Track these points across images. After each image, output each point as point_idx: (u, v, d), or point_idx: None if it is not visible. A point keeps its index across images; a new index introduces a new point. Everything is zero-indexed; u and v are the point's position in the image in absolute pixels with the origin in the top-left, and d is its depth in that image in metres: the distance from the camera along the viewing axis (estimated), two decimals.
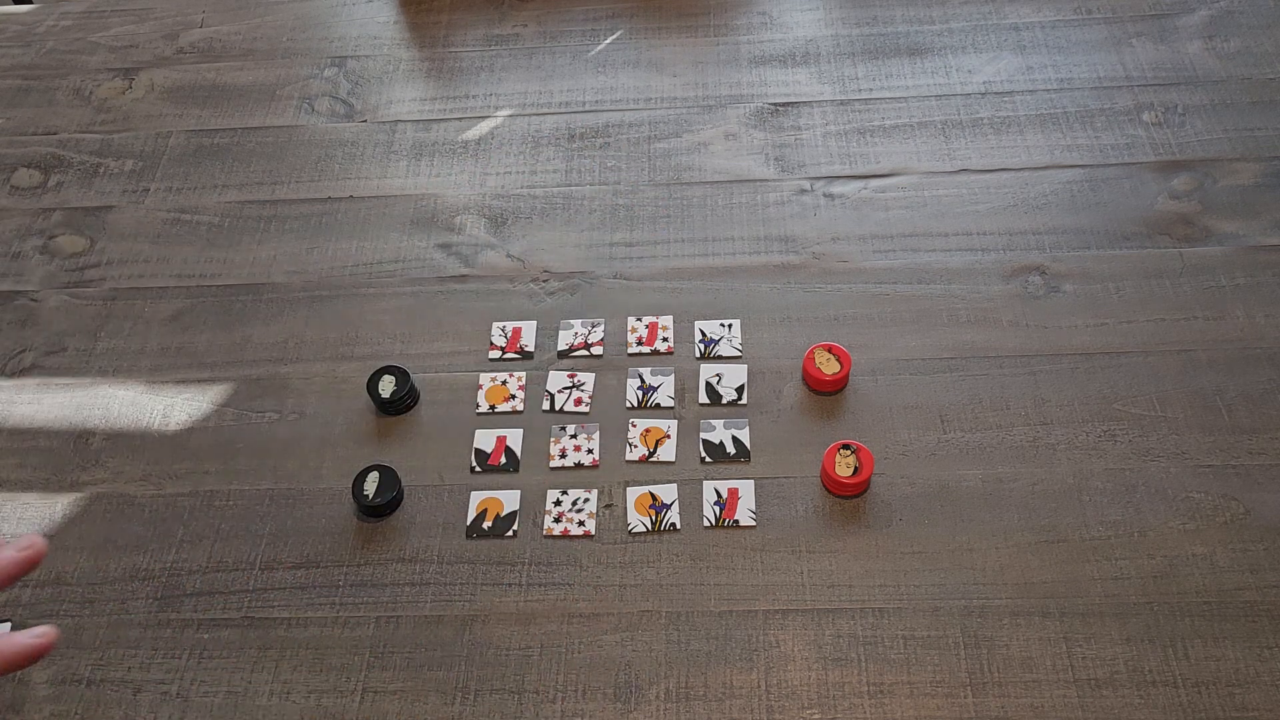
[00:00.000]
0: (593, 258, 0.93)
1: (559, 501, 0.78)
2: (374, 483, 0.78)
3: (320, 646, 0.73)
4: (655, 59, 1.08)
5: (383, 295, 0.92)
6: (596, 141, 1.01)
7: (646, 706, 0.69)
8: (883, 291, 0.88)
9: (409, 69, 1.11)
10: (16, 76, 1.15)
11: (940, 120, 0.99)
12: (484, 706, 0.69)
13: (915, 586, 0.72)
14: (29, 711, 0.71)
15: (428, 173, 1.01)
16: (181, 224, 0.99)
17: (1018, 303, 0.86)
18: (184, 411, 0.86)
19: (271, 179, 1.02)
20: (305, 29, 1.16)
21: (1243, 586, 0.71)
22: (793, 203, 0.95)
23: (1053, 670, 0.68)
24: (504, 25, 1.14)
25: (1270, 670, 0.67)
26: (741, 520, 0.76)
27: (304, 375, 0.87)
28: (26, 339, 0.92)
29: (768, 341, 0.86)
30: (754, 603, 0.72)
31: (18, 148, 1.08)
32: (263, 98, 1.09)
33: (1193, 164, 0.94)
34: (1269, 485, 0.75)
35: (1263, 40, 1.03)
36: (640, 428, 0.81)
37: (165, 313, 0.92)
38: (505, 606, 0.74)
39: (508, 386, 0.85)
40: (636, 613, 0.73)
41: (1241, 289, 0.85)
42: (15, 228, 1.01)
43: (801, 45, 1.08)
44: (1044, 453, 0.78)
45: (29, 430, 0.86)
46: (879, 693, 0.68)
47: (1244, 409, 0.79)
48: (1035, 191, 0.93)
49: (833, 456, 0.76)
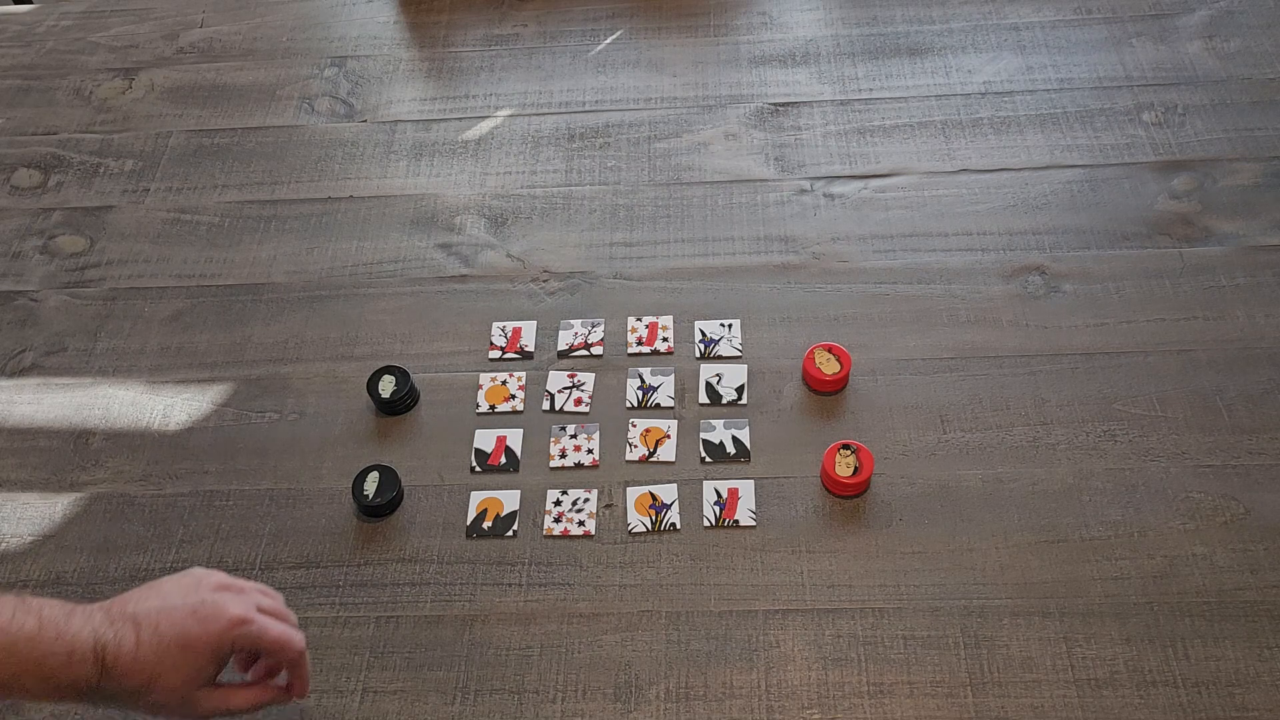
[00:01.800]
0: (593, 258, 0.93)
1: (559, 501, 0.78)
2: (374, 482, 0.78)
3: (320, 646, 0.73)
4: (655, 59, 1.08)
5: (383, 295, 0.92)
6: (596, 141, 1.01)
7: (646, 706, 0.68)
8: (883, 291, 0.88)
9: (409, 69, 1.11)
10: (16, 76, 1.15)
11: (940, 120, 0.99)
12: (484, 706, 0.69)
13: (915, 586, 0.72)
14: (29, 711, 0.71)
15: (428, 173, 1.01)
16: (181, 224, 0.99)
17: (1018, 303, 0.86)
18: (184, 411, 0.86)
19: (271, 179, 1.02)
20: (305, 29, 1.16)
21: (1243, 586, 0.71)
22: (793, 203, 0.95)
23: (1053, 670, 0.68)
24: (504, 25, 1.14)
25: (1270, 670, 0.67)
26: (741, 520, 0.76)
27: (304, 375, 0.87)
28: (26, 339, 0.92)
29: (768, 341, 0.86)
30: (754, 603, 0.72)
31: (18, 148, 1.08)
32: (263, 98, 1.09)
33: (1193, 164, 0.94)
34: (1269, 485, 0.75)
35: (1263, 40, 1.03)
36: (640, 428, 0.81)
37: (165, 313, 0.92)
38: (505, 606, 0.74)
39: (508, 386, 0.85)
40: (636, 613, 0.73)
41: (1241, 289, 0.85)
42: (15, 228, 1.01)
43: (801, 45, 1.08)
44: (1044, 453, 0.78)
45: (29, 430, 0.86)
46: (879, 693, 0.68)
47: (1244, 409, 0.79)
48: (1035, 191, 0.93)
49: (833, 456, 0.76)
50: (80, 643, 0.55)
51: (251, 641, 0.60)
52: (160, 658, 0.57)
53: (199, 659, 0.58)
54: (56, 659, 0.55)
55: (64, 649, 0.55)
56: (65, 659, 0.55)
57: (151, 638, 0.57)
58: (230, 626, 0.59)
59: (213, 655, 0.59)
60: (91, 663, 0.55)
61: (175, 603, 0.59)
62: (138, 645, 0.57)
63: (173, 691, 0.58)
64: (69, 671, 0.55)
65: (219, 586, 0.62)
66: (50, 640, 0.55)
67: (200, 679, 0.59)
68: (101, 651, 0.56)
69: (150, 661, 0.57)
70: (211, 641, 0.59)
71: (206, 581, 0.62)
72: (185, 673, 0.58)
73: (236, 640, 0.59)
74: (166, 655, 0.57)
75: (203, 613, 0.59)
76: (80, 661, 0.55)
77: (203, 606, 0.59)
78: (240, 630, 0.59)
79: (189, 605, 0.59)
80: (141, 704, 0.58)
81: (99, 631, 0.56)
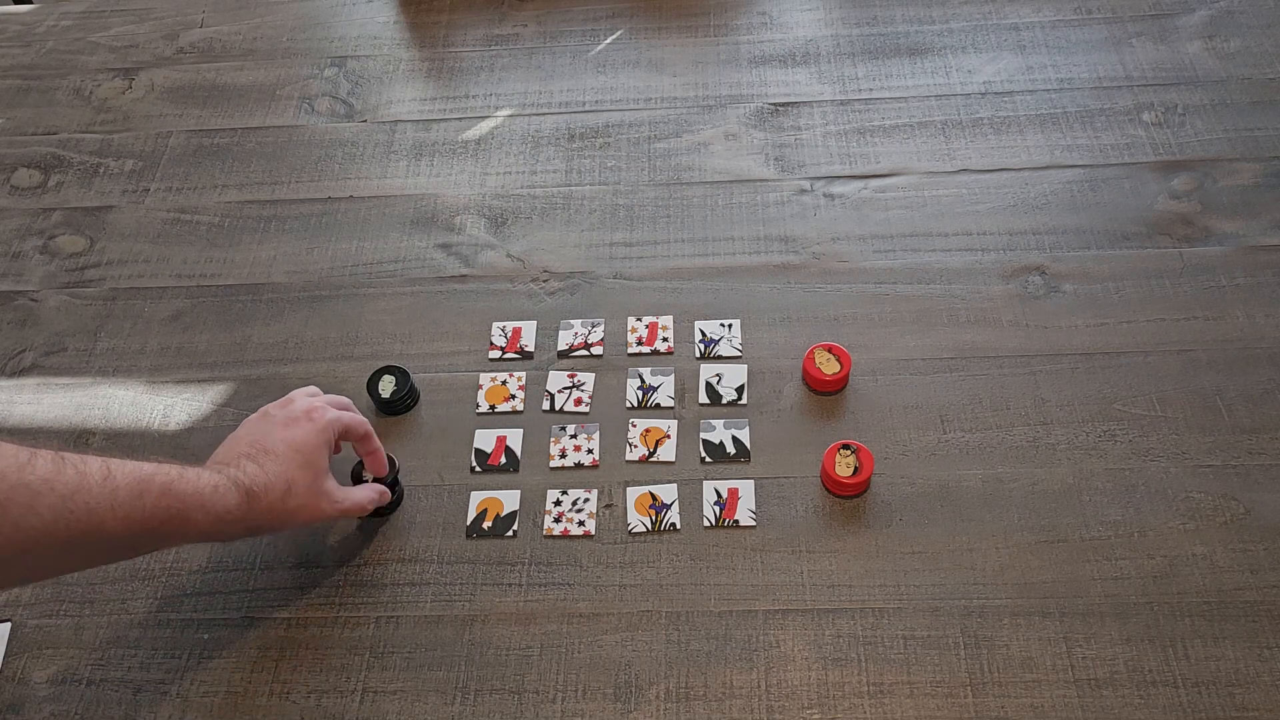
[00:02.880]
0: (593, 258, 0.93)
1: (559, 501, 0.78)
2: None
3: (320, 646, 0.73)
4: (655, 59, 1.08)
5: (383, 295, 0.92)
6: (596, 141, 1.01)
7: (646, 706, 0.68)
8: (883, 291, 0.88)
9: (409, 69, 1.11)
10: (16, 76, 1.15)
11: (940, 120, 0.99)
12: (484, 706, 0.69)
13: (915, 586, 0.72)
14: (29, 711, 0.71)
15: (428, 173, 1.01)
16: (181, 224, 0.99)
17: (1018, 303, 0.86)
18: (184, 411, 0.86)
19: (271, 179, 1.02)
20: (305, 29, 1.16)
21: (1243, 586, 0.71)
22: (793, 203, 0.95)
23: (1053, 670, 0.68)
24: (504, 25, 1.14)
25: (1270, 670, 0.67)
26: (741, 520, 0.76)
27: (304, 375, 0.87)
28: (26, 339, 0.92)
29: (768, 341, 0.86)
30: (754, 603, 0.72)
31: (18, 148, 1.08)
32: (263, 98, 1.09)
33: (1193, 164, 0.94)
34: (1269, 485, 0.75)
35: (1263, 40, 1.03)
36: (640, 428, 0.81)
37: (165, 313, 0.92)
38: (505, 606, 0.74)
39: (508, 386, 0.85)
40: (636, 613, 0.73)
41: (1241, 289, 0.85)
42: (15, 228, 1.01)
43: (801, 45, 1.08)
44: (1044, 453, 0.78)
45: (29, 430, 0.86)
46: (879, 693, 0.68)
47: (1244, 409, 0.79)
48: (1035, 191, 0.93)
49: (833, 456, 0.76)
50: (218, 480, 0.63)
51: (337, 422, 0.71)
52: (285, 466, 0.67)
53: (313, 453, 0.69)
54: (204, 495, 0.62)
55: (208, 485, 0.63)
56: (213, 492, 0.63)
57: (267, 456, 0.67)
58: (316, 417, 0.70)
59: (322, 444, 0.70)
60: (235, 493, 0.64)
61: (263, 429, 0.70)
62: (261, 467, 0.66)
63: (309, 487, 0.68)
64: (221, 501, 0.63)
65: (282, 404, 0.72)
66: (194, 479, 0.62)
67: (323, 470, 0.69)
68: (238, 481, 0.64)
69: (279, 473, 0.67)
70: (314, 435, 0.69)
71: (267, 409, 0.72)
72: (311, 468, 0.68)
73: (328, 426, 0.70)
74: (289, 460, 0.67)
75: (290, 420, 0.70)
76: (225, 494, 0.63)
77: (288, 417, 0.70)
78: (324, 417, 0.70)
79: (277, 423, 0.70)
80: (286, 513, 0.67)
81: (225, 473, 0.65)
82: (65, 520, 0.55)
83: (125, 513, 0.58)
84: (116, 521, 0.58)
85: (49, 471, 0.56)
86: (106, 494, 0.57)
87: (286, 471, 0.67)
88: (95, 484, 0.57)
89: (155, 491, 0.60)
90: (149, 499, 0.59)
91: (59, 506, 0.55)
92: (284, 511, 0.67)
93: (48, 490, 0.55)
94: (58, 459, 0.57)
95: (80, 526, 0.56)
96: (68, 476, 0.56)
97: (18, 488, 0.54)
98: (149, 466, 0.61)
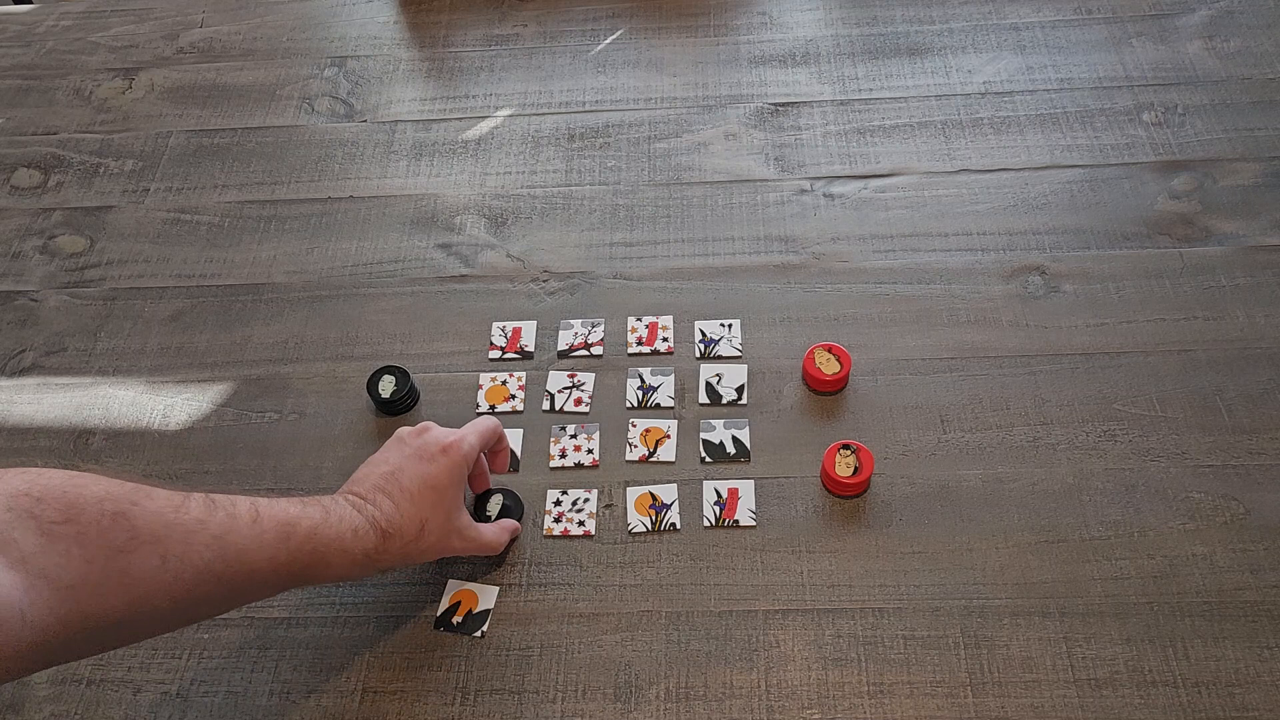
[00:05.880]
0: (593, 258, 0.93)
1: (559, 501, 0.78)
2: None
3: (320, 646, 0.73)
4: (655, 59, 1.08)
5: (383, 295, 0.92)
6: (596, 141, 1.01)
7: (646, 706, 0.68)
8: (883, 291, 0.88)
9: (409, 69, 1.11)
10: (16, 76, 1.15)
11: (940, 120, 0.99)
12: (484, 706, 0.69)
13: (915, 586, 0.72)
14: (29, 711, 0.71)
15: (428, 173, 1.01)
16: (181, 224, 0.99)
17: (1018, 303, 0.86)
18: (184, 411, 0.86)
19: (271, 179, 1.02)
20: (305, 29, 1.16)
21: (1243, 586, 0.71)
22: (793, 203, 0.95)
23: (1053, 670, 0.68)
24: (504, 25, 1.14)
25: (1270, 670, 0.67)
26: (741, 520, 0.76)
27: (304, 375, 0.87)
28: (26, 339, 0.92)
29: (768, 341, 0.86)
30: (754, 603, 0.72)
31: (18, 148, 1.08)
32: (263, 98, 1.09)
33: (1193, 164, 0.94)
34: (1269, 485, 0.75)
35: (1263, 40, 1.03)
36: (640, 428, 0.81)
37: (165, 313, 0.92)
38: (505, 606, 0.74)
39: (508, 386, 0.85)
40: (636, 613, 0.73)
41: (1241, 289, 0.85)
42: (15, 228, 1.01)
43: (801, 45, 1.08)
44: (1044, 453, 0.78)
45: (29, 430, 0.86)
46: (879, 693, 0.68)
47: (1244, 409, 0.79)
48: (1035, 191, 0.93)
49: (833, 456, 0.76)
50: (359, 523, 0.63)
51: (472, 451, 0.70)
52: (418, 505, 0.66)
53: (447, 490, 0.67)
54: (345, 539, 0.62)
55: (349, 528, 0.63)
56: (353, 536, 0.63)
57: (402, 495, 0.66)
58: (452, 453, 0.68)
59: (454, 482, 0.68)
60: (373, 535, 0.64)
61: (398, 462, 0.68)
62: (397, 506, 0.65)
63: (441, 527, 0.67)
64: (360, 545, 0.63)
65: (416, 433, 0.70)
66: (336, 523, 0.62)
67: (456, 506, 0.68)
68: (376, 522, 0.64)
69: (412, 512, 0.66)
70: (446, 472, 0.68)
71: (403, 435, 0.70)
72: (444, 507, 0.67)
73: (464, 460, 0.69)
74: (423, 500, 0.66)
75: (425, 454, 0.68)
76: (364, 536, 0.63)
77: (422, 450, 0.68)
78: (459, 451, 0.69)
79: (410, 456, 0.68)
80: (417, 554, 0.67)
81: (361, 510, 0.64)
82: (222, 560, 0.56)
83: (270, 554, 0.59)
84: (263, 562, 0.59)
85: (202, 513, 0.56)
86: (254, 535, 0.58)
87: (420, 512, 0.66)
88: (244, 525, 0.58)
89: (300, 535, 0.60)
90: (294, 542, 0.60)
91: (214, 546, 0.56)
92: (415, 552, 0.67)
93: (202, 530, 0.56)
94: (208, 501, 0.57)
95: (234, 567, 0.57)
96: (219, 518, 0.57)
97: (174, 527, 0.55)
98: (294, 509, 0.61)
